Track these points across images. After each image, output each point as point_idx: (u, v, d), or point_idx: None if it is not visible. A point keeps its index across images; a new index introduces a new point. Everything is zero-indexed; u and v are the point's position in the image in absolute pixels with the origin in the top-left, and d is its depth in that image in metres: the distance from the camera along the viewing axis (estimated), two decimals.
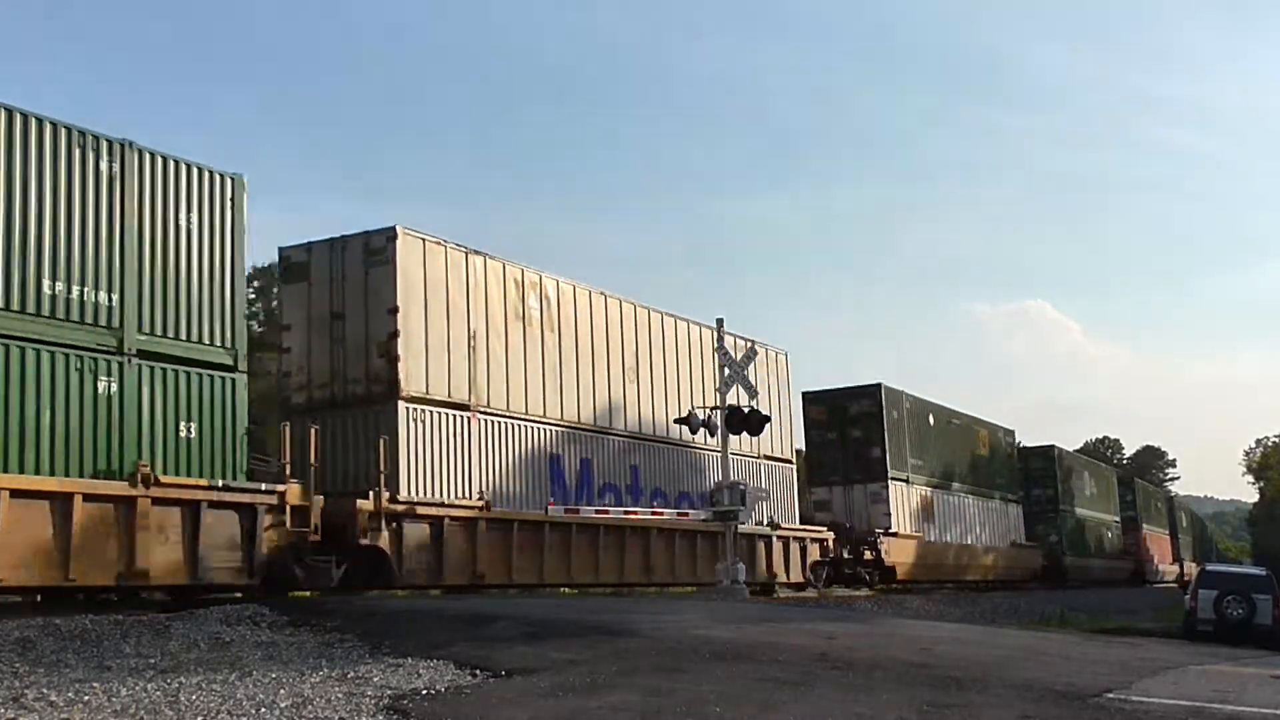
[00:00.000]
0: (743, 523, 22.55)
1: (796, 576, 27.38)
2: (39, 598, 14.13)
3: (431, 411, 18.22)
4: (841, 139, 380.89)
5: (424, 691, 8.41)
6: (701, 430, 22.19)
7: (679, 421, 22.71)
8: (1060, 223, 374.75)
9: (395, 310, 17.72)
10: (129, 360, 13.96)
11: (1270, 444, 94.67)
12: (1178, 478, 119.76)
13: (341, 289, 18.22)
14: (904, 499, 33.88)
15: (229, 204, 15.39)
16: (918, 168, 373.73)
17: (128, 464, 13.66)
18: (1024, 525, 44.48)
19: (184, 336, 14.67)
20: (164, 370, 14.33)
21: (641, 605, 16.28)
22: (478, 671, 9.30)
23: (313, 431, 16.08)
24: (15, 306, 12.89)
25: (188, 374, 14.60)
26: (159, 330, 14.39)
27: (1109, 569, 54.05)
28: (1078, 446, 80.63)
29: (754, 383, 23.21)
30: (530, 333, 20.56)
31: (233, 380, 15.09)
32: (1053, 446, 50.46)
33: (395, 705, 7.87)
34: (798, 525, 28.44)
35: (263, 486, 15.07)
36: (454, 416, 18.66)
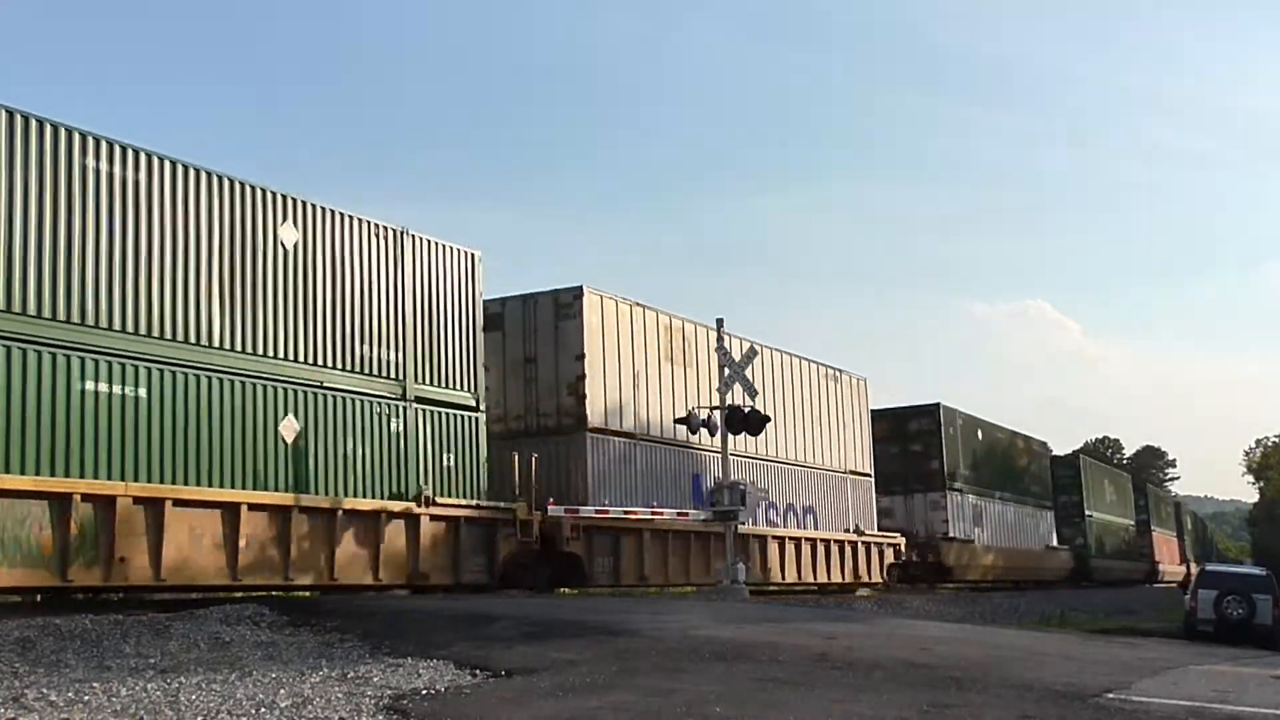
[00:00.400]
0: (743, 523, 22.58)
1: (876, 577, 30.31)
2: (39, 597, 14.20)
3: (610, 440, 21.78)
4: (841, 139, 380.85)
5: (424, 691, 8.41)
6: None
7: (678, 421, 22.73)
8: (1060, 223, 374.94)
9: (582, 356, 21.32)
10: (410, 405, 17.58)
11: (1270, 444, 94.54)
12: (1178, 478, 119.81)
13: (534, 337, 21.88)
14: (959, 507, 37.87)
15: (472, 275, 19.25)
16: (917, 167, 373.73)
17: (410, 488, 17.22)
18: (1055, 529, 48.57)
19: (444, 384, 18.34)
20: (432, 412, 17.99)
21: (642, 605, 16.29)
22: (478, 671, 9.30)
23: (534, 460, 19.29)
24: (345, 367, 16.64)
25: (447, 414, 18.28)
26: (427, 380, 18.04)
27: (1128, 570, 57.42)
28: (1077, 446, 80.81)
29: (753, 384, 23.21)
30: (675, 370, 24.00)
31: (476, 418, 18.86)
32: (1078, 455, 55.38)
33: (395, 705, 7.87)
34: (876, 532, 31.40)
35: (502, 504, 18.62)
36: (624, 444, 22.24)
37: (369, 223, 17.34)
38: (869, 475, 31.91)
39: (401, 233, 17.87)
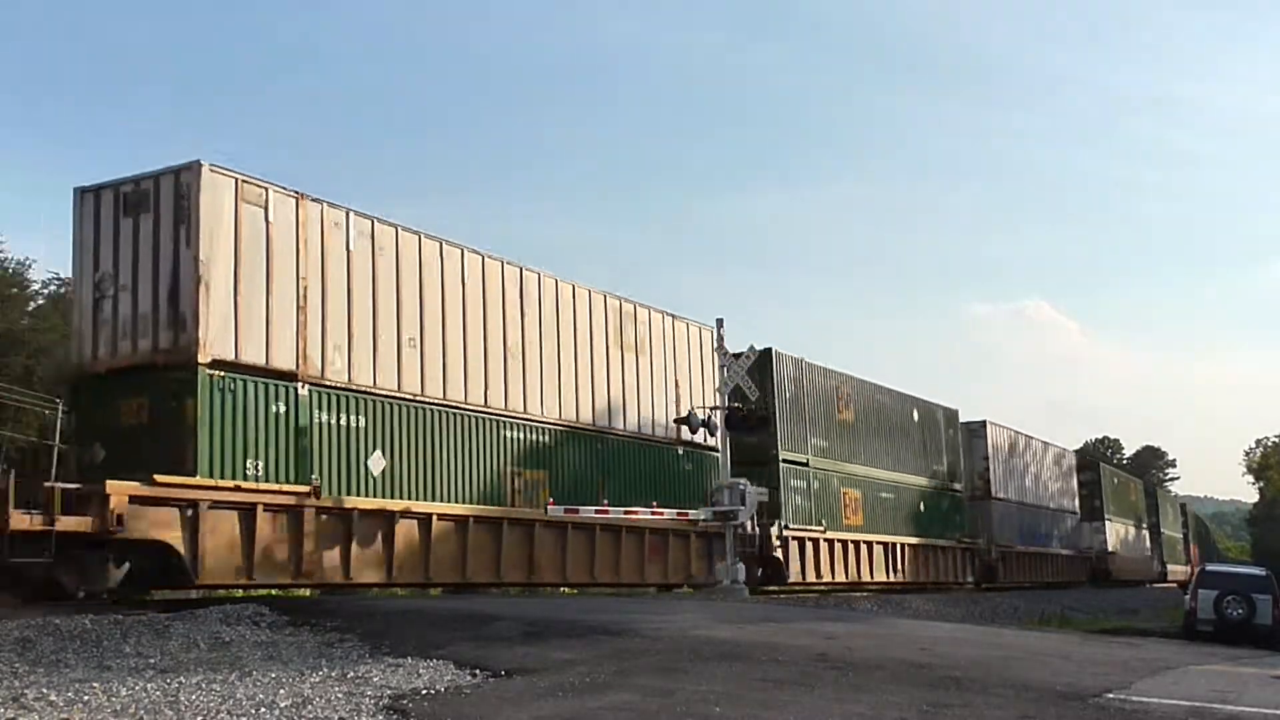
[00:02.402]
0: (742, 522, 22.55)
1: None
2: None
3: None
4: (840, 138, 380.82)
5: (424, 691, 8.40)
6: None
7: (679, 421, 22.73)
8: (1060, 223, 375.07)
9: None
10: None
11: (1270, 444, 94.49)
12: (1178, 478, 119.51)
13: None
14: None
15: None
16: (917, 167, 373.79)
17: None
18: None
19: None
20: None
21: (641, 605, 16.28)
22: (478, 671, 9.29)
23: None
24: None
25: None
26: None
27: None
28: (1077, 447, 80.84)
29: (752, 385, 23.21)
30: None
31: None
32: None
33: (395, 705, 7.86)
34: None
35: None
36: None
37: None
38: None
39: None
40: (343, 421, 16.45)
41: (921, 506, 34.07)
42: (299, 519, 15.57)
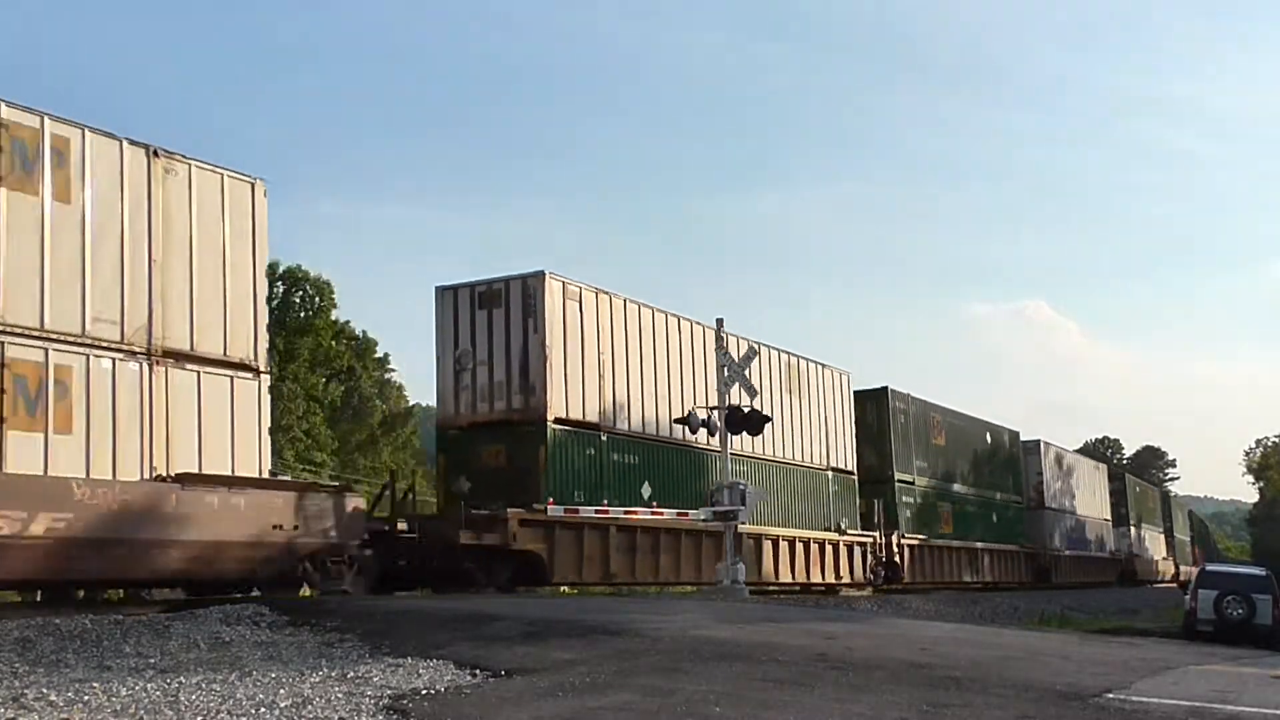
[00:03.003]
0: (742, 523, 22.59)
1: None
2: (39, 596, 14.23)
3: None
4: (839, 138, 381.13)
5: (424, 691, 8.40)
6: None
7: (679, 421, 22.74)
8: (1058, 223, 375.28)
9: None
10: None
11: (1270, 444, 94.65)
12: (1178, 478, 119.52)
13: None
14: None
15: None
16: (915, 167, 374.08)
17: None
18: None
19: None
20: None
21: (641, 605, 16.29)
22: (478, 671, 9.29)
23: None
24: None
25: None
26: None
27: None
28: (1078, 447, 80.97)
29: (755, 384, 23.27)
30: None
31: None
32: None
33: (395, 705, 7.86)
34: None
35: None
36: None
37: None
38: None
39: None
40: (625, 460, 22.06)
41: (995, 517, 40.06)
42: (606, 535, 21.04)
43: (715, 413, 22.48)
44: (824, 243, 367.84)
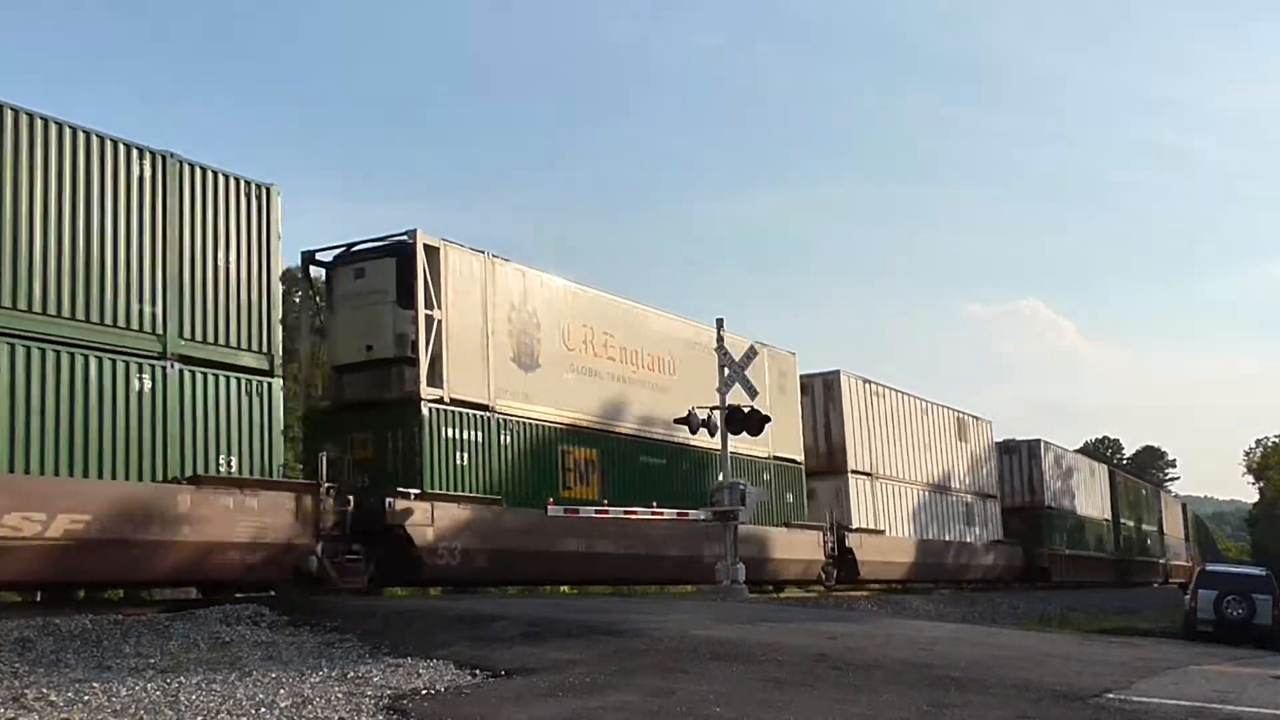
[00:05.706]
0: (743, 523, 22.56)
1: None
2: (39, 596, 14.25)
3: None
4: (838, 139, 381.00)
5: (424, 691, 8.41)
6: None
7: (679, 421, 22.70)
8: (1055, 222, 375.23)
9: None
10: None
11: (1270, 444, 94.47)
12: (1178, 478, 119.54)
13: None
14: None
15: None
16: (914, 168, 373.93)
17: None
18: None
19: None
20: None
21: (641, 605, 16.27)
22: (478, 671, 9.29)
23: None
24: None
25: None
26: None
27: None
28: (1077, 447, 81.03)
29: (753, 383, 23.18)
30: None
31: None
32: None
33: (395, 705, 7.87)
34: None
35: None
36: None
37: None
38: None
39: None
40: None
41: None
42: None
43: (715, 413, 22.47)
44: (822, 242, 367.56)
